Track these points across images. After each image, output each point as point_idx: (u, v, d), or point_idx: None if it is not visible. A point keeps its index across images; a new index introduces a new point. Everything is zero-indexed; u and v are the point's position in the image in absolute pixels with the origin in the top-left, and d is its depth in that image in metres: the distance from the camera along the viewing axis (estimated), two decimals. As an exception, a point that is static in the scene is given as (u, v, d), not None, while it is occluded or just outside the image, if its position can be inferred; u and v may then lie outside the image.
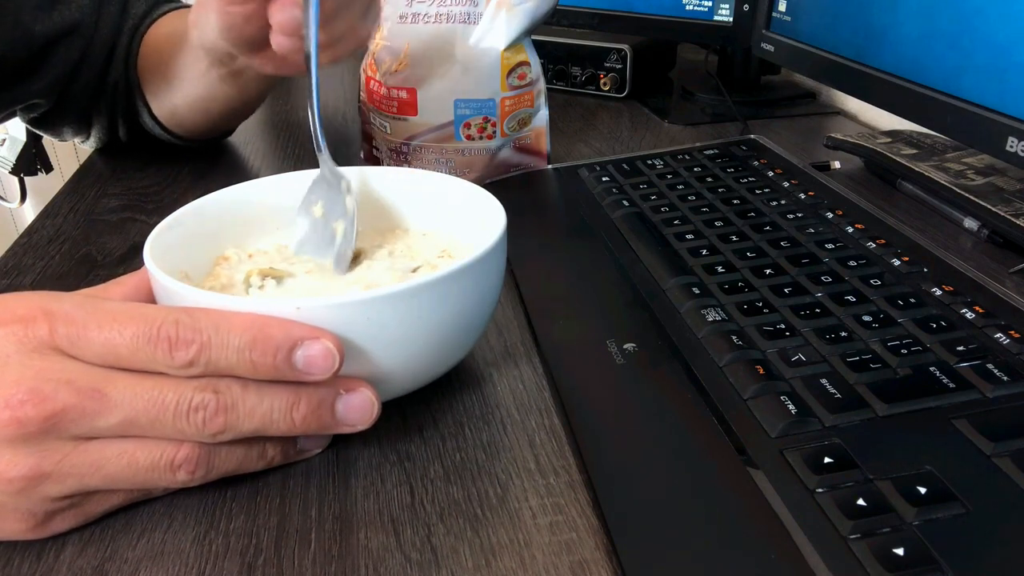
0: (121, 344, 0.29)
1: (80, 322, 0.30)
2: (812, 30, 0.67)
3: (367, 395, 0.33)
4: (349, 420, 0.33)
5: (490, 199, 0.41)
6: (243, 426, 0.31)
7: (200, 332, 0.30)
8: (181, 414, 0.30)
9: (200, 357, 0.30)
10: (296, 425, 0.32)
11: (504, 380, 0.41)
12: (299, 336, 0.30)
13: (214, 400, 0.30)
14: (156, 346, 0.29)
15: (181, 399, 0.30)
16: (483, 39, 0.57)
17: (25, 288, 0.50)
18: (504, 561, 0.30)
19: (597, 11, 0.89)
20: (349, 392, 0.32)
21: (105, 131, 0.69)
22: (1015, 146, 0.46)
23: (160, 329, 0.29)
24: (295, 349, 0.30)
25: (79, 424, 0.29)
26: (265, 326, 0.30)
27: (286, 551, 0.31)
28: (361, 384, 0.33)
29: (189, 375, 0.30)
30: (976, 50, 0.49)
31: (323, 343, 0.31)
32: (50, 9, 0.61)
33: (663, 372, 0.38)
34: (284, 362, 0.30)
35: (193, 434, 0.30)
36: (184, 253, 0.39)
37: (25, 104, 0.64)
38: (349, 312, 0.31)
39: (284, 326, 0.30)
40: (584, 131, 0.79)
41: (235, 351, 0.30)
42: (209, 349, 0.30)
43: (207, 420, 0.30)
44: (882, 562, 0.27)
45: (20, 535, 0.31)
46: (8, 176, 0.84)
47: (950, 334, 0.38)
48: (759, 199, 0.54)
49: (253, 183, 0.44)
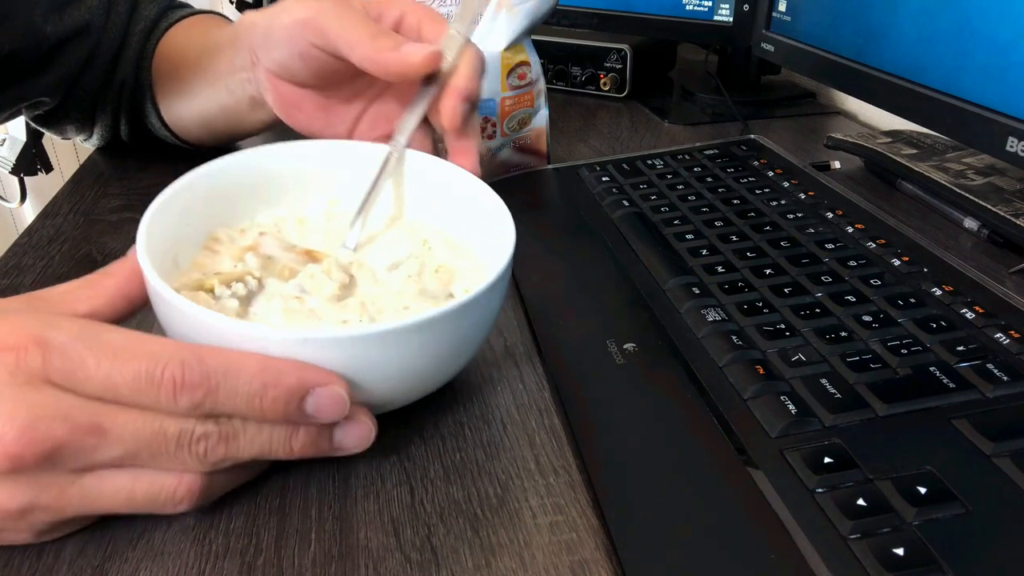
0: (121, 383, 0.28)
1: (77, 358, 0.28)
2: (812, 30, 0.67)
3: (365, 423, 0.32)
4: (346, 446, 0.33)
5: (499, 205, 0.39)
6: (243, 454, 0.30)
7: (208, 377, 0.28)
8: (183, 446, 0.29)
9: (206, 401, 0.29)
10: (294, 452, 0.31)
11: (504, 380, 0.41)
12: (311, 383, 0.30)
13: (216, 432, 0.29)
14: (160, 388, 0.28)
15: (183, 432, 0.29)
16: (483, 39, 0.57)
17: (25, 288, 0.50)
18: (504, 561, 0.30)
19: (597, 11, 0.89)
20: (348, 420, 0.32)
21: (108, 130, 0.69)
22: (1015, 146, 0.46)
23: (165, 370, 0.28)
24: (307, 396, 0.30)
25: (76, 459, 0.28)
26: (277, 372, 0.29)
27: (286, 551, 0.31)
28: (359, 411, 0.32)
29: (191, 416, 0.29)
30: (976, 50, 0.49)
31: (334, 389, 0.30)
32: (61, 10, 0.61)
33: (663, 372, 0.38)
34: (295, 409, 0.30)
35: (194, 465, 0.30)
36: (177, 234, 0.38)
37: (31, 101, 0.64)
38: (356, 346, 0.31)
39: (297, 371, 0.30)
40: (584, 131, 0.79)
41: (245, 397, 0.29)
42: (216, 394, 0.29)
43: (209, 451, 0.29)
44: (882, 562, 0.27)
45: (19, 543, 0.31)
46: (8, 176, 0.84)
47: (950, 334, 0.38)
48: (759, 199, 0.54)
49: (251, 152, 0.43)
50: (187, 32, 0.65)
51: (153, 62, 0.65)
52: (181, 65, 0.62)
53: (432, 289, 0.39)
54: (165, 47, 0.65)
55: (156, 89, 0.65)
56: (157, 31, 0.65)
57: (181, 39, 0.65)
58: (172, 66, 0.63)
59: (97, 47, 0.63)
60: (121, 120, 0.68)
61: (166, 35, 0.65)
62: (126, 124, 0.68)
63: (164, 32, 0.65)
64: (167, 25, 0.66)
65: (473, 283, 0.39)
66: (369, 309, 0.37)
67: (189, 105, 0.62)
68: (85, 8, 0.62)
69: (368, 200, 0.42)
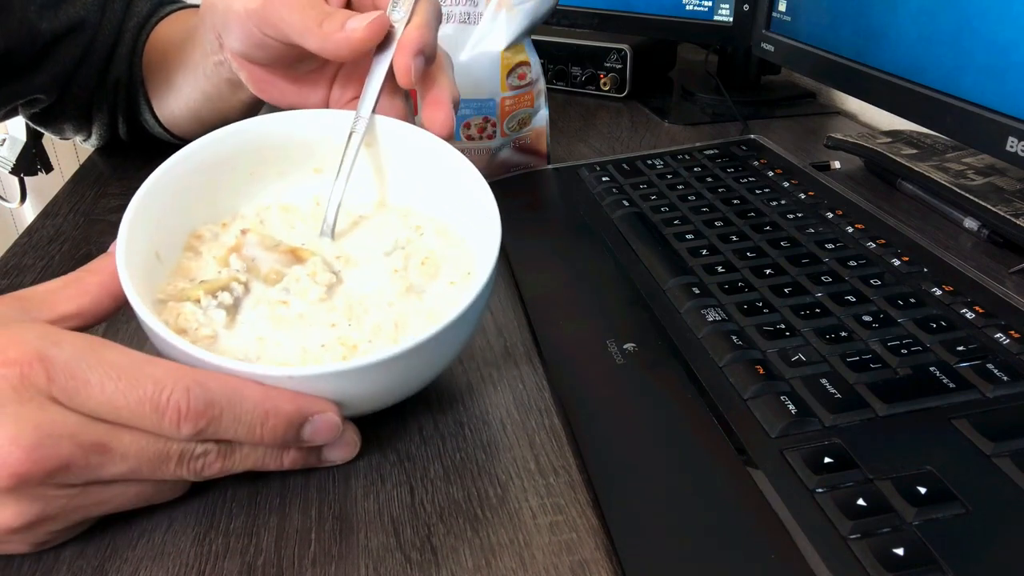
0: (124, 407, 0.29)
1: (81, 377, 0.28)
2: (812, 30, 0.67)
3: (350, 436, 0.34)
4: (332, 458, 0.35)
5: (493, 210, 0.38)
6: (237, 468, 0.32)
7: (211, 406, 0.29)
8: (183, 463, 0.30)
9: (208, 429, 0.30)
10: (284, 466, 0.33)
11: (504, 380, 0.41)
12: (309, 411, 0.31)
13: (215, 450, 0.31)
14: (164, 416, 0.29)
15: (184, 451, 0.30)
16: (483, 39, 0.57)
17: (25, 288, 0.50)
18: (504, 561, 0.30)
19: (597, 11, 0.89)
20: None
21: (106, 128, 0.69)
22: (1015, 146, 0.46)
23: (170, 398, 0.29)
24: (304, 424, 0.31)
25: (81, 475, 0.29)
26: (278, 401, 0.31)
27: (286, 551, 0.31)
28: (346, 427, 0.34)
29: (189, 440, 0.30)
30: (976, 50, 0.49)
31: (329, 416, 0.32)
32: (56, 7, 0.61)
33: (663, 372, 0.38)
34: (293, 436, 0.31)
35: (191, 478, 0.31)
36: (159, 226, 0.38)
37: (26, 99, 0.64)
38: (339, 379, 0.32)
39: (295, 400, 0.31)
40: (584, 131, 0.79)
41: (247, 426, 0.30)
42: (219, 423, 0.30)
43: (206, 467, 0.31)
44: (882, 562, 0.27)
45: (17, 553, 0.31)
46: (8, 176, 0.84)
47: (950, 334, 0.38)
48: (759, 199, 0.54)
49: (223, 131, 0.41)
50: (172, 26, 0.65)
51: (143, 59, 0.65)
52: (166, 60, 0.62)
53: (418, 284, 0.39)
54: (153, 43, 0.65)
55: (147, 86, 0.64)
56: (148, 26, 0.65)
57: (165, 33, 0.65)
58: (159, 62, 0.63)
59: (92, 44, 0.63)
60: (119, 119, 0.68)
61: (155, 30, 0.65)
62: (124, 123, 0.68)
63: (154, 27, 0.65)
64: (157, 20, 0.65)
65: (460, 273, 0.39)
66: (355, 310, 0.37)
67: (177, 99, 0.62)
68: (80, 4, 0.62)
69: (341, 179, 0.41)
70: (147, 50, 0.65)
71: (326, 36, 0.41)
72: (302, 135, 0.43)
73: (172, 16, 0.66)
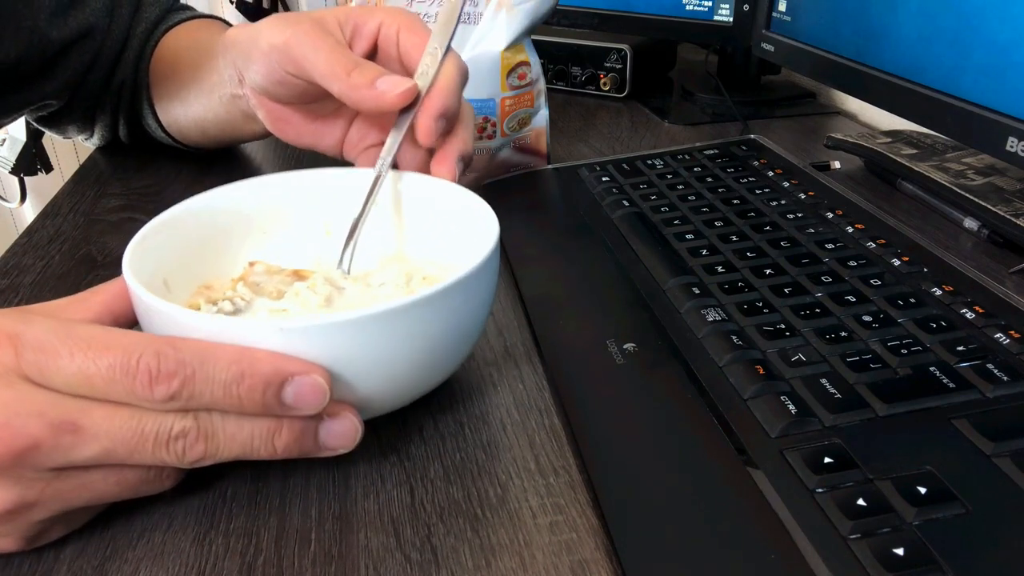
0: (95, 375, 0.28)
1: (50, 349, 0.28)
2: (812, 30, 0.67)
3: (350, 420, 0.32)
4: (331, 445, 0.32)
5: (484, 208, 0.39)
6: (223, 454, 0.30)
7: (184, 365, 0.28)
8: (160, 444, 0.29)
9: (182, 392, 0.28)
10: (277, 452, 0.31)
11: (504, 380, 0.41)
12: (289, 371, 0.29)
13: (195, 428, 0.29)
14: (135, 379, 0.28)
15: (160, 428, 0.28)
16: (483, 39, 0.57)
17: (25, 288, 0.50)
18: (504, 561, 0.30)
19: (597, 11, 0.89)
20: (332, 418, 0.31)
21: (108, 129, 0.69)
22: (1015, 146, 0.46)
23: (140, 360, 0.28)
24: (285, 385, 0.29)
25: (53, 457, 0.28)
26: (253, 360, 0.29)
27: (286, 551, 0.31)
28: (344, 408, 0.32)
29: (168, 409, 0.29)
30: (976, 50, 0.49)
31: (313, 378, 0.29)
32: (65, 14, 0.61)
33: (663, 372, 0.38)
34: (273, 398, 0.29)
35: (173, 463, 0.29)
36: (165, 258, 0.38)
37: (37, 105, 0.64)
38: (333, 334, 0.30)
39: (273, 360, 0.29)
40: (584, 131, 0.79)
41: (221, 386, 0.28)
42: (193, 383, 0.28)
43: (187, 449, 0.29)
44: (882, 562, 0.27)
45: (11, 550, 0.31)
46: (8, 176, 0.84)
47: (950, 334, 0.38)
48: (759, 199, 0.54)
49: (234, 186, 0.42)
50: (183, 37, 0.66)
51: (151, 65, 0.65)
52: (177, 70, 0.62)
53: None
54: (162, 50, 0.65)
55: (153, 92, 0.65)
56: (156, 33, 0.66)
57: (177, 43, 0.65)
58: (168, 70, 0.63)
59: (101, 49, 0.64)
60: (120, 121, 0.68)
61: (164, 38, 0.65)
62: (124, 125, 0.68)
63: (163, 34, 0.65)
64: (166, 28, 0.66)
65: None
66: None
67: (185, 111, 0.62)
68: (89, 11, 0.62)
69: (358, 224, 0.42)
70: (155, 57, 0.65)
71: (354, 87, 0.42)
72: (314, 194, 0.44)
73: (182, 27, 0.66)
